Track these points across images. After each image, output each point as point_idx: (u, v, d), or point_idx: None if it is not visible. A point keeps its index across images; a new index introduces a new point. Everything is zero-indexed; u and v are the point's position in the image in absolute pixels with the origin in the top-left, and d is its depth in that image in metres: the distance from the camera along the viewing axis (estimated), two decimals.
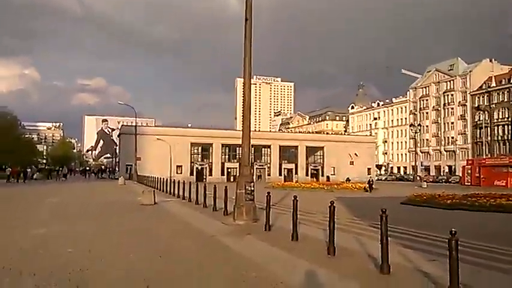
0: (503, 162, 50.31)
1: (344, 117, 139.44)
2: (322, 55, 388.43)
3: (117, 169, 69.72)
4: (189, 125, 71.88)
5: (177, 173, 56.36)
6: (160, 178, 30.60)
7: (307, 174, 67.38)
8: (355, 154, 70.07)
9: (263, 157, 68.16)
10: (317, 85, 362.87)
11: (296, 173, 66.73)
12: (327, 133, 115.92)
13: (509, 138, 77.14)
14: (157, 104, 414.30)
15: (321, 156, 71.15)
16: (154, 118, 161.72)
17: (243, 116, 12.43)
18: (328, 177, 63.99)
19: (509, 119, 77.70)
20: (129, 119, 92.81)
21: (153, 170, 45.55)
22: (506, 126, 78.77)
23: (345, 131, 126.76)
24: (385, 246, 5.65)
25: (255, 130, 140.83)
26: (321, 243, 8.10)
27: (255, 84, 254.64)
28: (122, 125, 77.48)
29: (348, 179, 53.75)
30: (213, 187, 15.20)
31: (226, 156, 66.40)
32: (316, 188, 36.93)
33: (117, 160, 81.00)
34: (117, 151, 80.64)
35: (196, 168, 62.99)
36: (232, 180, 53.67)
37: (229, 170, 63.22)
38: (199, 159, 64.95)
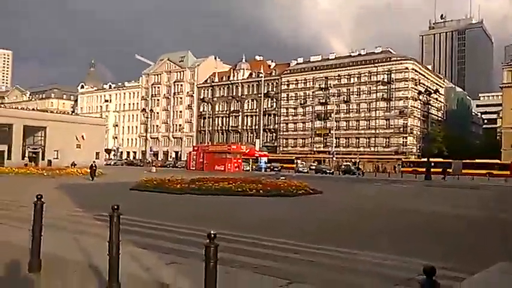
0: (223, 149, 56.73)
1: (72, 97, 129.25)
2: (54, 23, 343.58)
3: None
4: None
5: None
6: None
7: (23, 158, 58.31)
8: (82, 137, 65.25)
9: None
10: (43, 58, 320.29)
11: (9, 156, 56.71)
12: (52, 112, 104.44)
13: (227, 128, 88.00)
14: None
15: (42, 138, 63.03)
16: None
17: None
18: (50, 161, 57.15)
19: (227, 112, 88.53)
20: None
21: None
22: (225, 118, 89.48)
23: (73, 112, 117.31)
24: (116, 261, 4.11)
25: None
26: (25, 252, 5.88)
27: None
28: None
29: (73, 164, 49.23)
30: None
31: None
32: (33, 174, 32.18)
33: None
34: None
35: None
36: None
37: None
38: None
